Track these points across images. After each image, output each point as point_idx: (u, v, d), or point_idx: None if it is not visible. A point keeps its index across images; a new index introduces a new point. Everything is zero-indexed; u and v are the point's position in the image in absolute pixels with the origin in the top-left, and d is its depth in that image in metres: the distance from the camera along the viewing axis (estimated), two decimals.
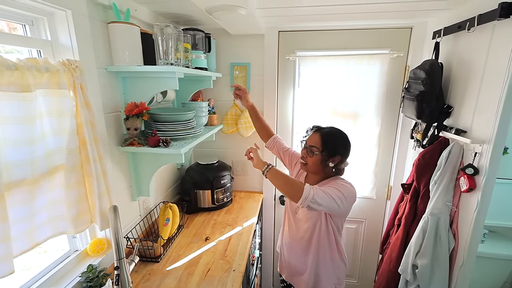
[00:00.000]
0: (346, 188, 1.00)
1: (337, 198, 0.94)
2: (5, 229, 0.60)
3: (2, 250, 0.60)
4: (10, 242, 0.62)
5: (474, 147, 0.97)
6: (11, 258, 0.62)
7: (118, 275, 0.74)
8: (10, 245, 0.62)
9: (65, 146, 0.76)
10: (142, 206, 1.24)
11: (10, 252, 0.62)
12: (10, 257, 0.62)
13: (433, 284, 1.10)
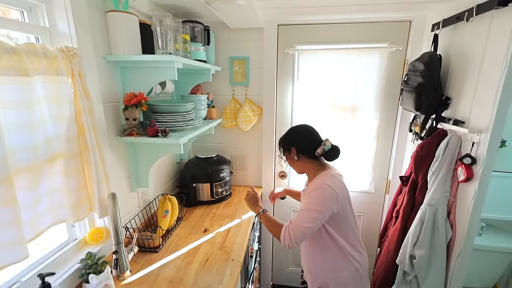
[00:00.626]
0: (317, 200, 0.98)
1: (310, 222, 0.95)
2: (16, 213, 0.61)
3: (15, 234, 0.61)
4: (21, 226, 0.62)
5: (471, 136, 0.97)
6: (24, 243, 0.63)
7: (116, 259, 0.74)
8: (22, 229, 0.62)
9: (64, 133, 0.76)
10: (141, 198, 1.24)
11: (22, 236, 0.62)
12: (23, 241, 0.62)
13: (430, 274, 1.11)
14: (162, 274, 0.96)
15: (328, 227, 1.03)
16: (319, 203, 0.97)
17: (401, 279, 1.23)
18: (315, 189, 1.00)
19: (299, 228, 0.95)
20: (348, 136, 1.65)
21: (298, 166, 1.13)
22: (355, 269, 1.05)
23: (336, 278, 1.05)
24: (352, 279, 1.04)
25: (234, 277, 0.94)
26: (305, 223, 0.96)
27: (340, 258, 1.05)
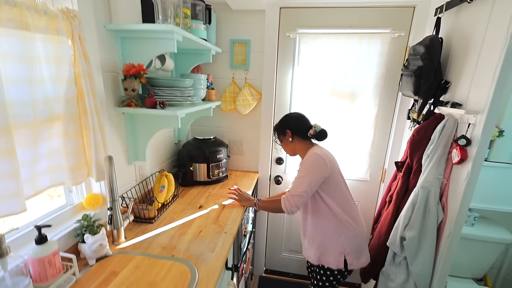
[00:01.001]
0: (307, 167, 1.12)
1: (304, 186, 1.09)
2: (14, 165, 0.62)
3: (13, 186, 0.62)
4: (19, 178, 0.64)
5: (468, 118, 0.97)
6: (22, 196, 0.64)
7: (111, 215, 0.77)
8: (20, 182, 0.64)
9: (63, 95, 0.78)
10: (138, 172, 1.26)
11: (21, 190, 0.64)
12: (21, 194, 0.64)
13: (419, 255, 1.13)
14: (156, 241, 0.98)
15: (323, 195, 1.13)
16: (309, 169, 1.11)
17: (390, 260, 1.25)
18: (305, 160, 1.14)
19: (295, 195, 1.10)
20: (346, 123, 1.66)
21: (291, 147, 1.25)
22: (352, 235, 1.15)
23: (335, 243, 1.15)
24: (350, 244, 1.15)
25: (226, 247, 0.97)
26: (300, 188, 1.09)
27: (336, 224, 1.14)
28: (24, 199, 0.65)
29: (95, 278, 0.77)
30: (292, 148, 1.25)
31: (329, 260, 1.16)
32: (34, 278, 0.68)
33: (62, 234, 0.82)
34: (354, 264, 1.17)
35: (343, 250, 1.14)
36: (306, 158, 1.15)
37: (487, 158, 1.42)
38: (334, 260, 1.15)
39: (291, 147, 1.25)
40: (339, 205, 1.15)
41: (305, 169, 1.12)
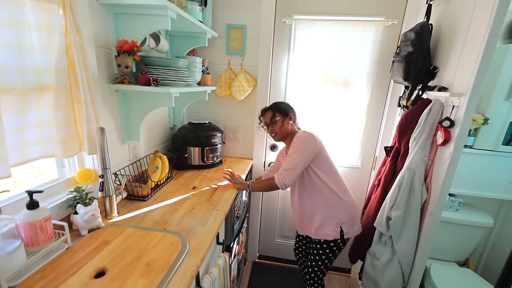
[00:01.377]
0: (299, 143, 1.18)
1: (297, 160, 1.16)
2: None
3: None
4: (4, 144, 0.64)
5: (452, 100, 1.01)
6: (7, 161, 0.65)
7: (102, 182, 0.78)
8: (5, 147, 0.64)
9: (53, 65, 0.78)
10: (132, 152, 1.27)
11: (5, 154, 0.64)
12: (6, 159, 0.64)
13: (404, 234, 1.17)
14: (149, 216, 1.00)
15: (316, 170, 1.20)
16: (300, 144, 1.18)
17: (377, 240, 1.29)
18: (295, 138, 1.22)
19: (288, 169, 1.17)
20: (339, 110, 1.69)
21: (288, 130, 1.30)
22: (346, 205, 1.23)
23: (332, 214, 1.22)
24: (345, 213, 1.23)
25: (217, 222, 0.99)
26: (292, 162, 1.16)
27: (331, 196, 1.22)
28: (8, 165, 0.65)
29: (87, 246, 0.78)
30: (289, 130, 1.30)
31: (326, 232, 1.22)
32: (26, 242, 0.69)
33: (54, 204, 0.83)
34: (349, 232, 1.24)
35: (339, 220, 1.21)
36: (297, 137, 1.21)
37: (472, 146, 1.46)
38: (331, 231, 1.21)
39: (289, 129, 1.30)
40: (331, 178, 1.22)
41: (297, 145, 1.18)
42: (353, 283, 1.92)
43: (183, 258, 0.77)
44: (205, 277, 0.84)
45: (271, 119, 1.29)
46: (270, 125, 1.30)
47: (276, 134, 1.30)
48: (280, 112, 1.29)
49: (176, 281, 0.68)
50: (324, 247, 1.25)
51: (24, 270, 0.65)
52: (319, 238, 1.25)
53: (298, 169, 1.16)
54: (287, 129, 1.29)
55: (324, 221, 1.23)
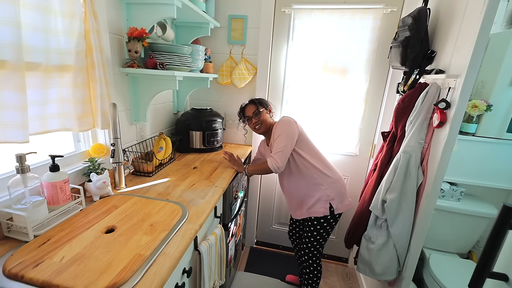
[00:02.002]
0: (281, 126, 1.27)
1: (283, 142, 1.24)
2: (23, 100, 0.72)
3: (19, 117, 0.72)
4: (26, 112, 0.73)
5: (448, 82, 1.01)
6: (26, 128, 0.74)
7: (113, 150, 0.88)
8: (26, 115, 0.74)
9: (73, 48, 0.87)
10: (139, 133, 1.37)
11: (26, 122, 0.74)
12: (26, 126, 0.74)
13: (399, 217, 1.18)
14: (153, 189, 1.10)
15: (300, 151, 1.28)
16: (283, 127, 1.26)
17: (372, 224, 1.30)
18: (276, 124, 1.30)
19: (277, 152, 1.24)
20: (338, 98, 1.72)
21: (269, 122, 1.39)
22: (332, 181, 1.30)
23: (320, 192, 1.29)
24: (332, 189, 1.30)
25: (215, 196, 1.08)
26: (279, 145, 1.23)
27: (317, 175, 1.29)
28: (27, 131, 0.73)
29: (98, 209, 0.89)
30: (271, 122, 1.40)
31: (316, 209, 1.29)
32: (48, 200, 0.80)
33: (72, 172, 0.94)
34: (339, 208, 1.30)
35: (327, 197, 1.28)
36: (277, 123, 1.30)
37: (475, 133, 1.41)
38: (320, 207, 1.29)
39: (270, 121, 1.40)
40: (314, 157, 1.31)
41: (280, 129, 1.27)
42: (350, 272, 1.94)
43: (183, 222, 0.86)
44: (203, 243, 0.94)
45: (254, 112, 1.36)
46: (254, 117, 1.36)
47: (261, 125, 1.37)
48: (262, 104, 1.38)
49: (176, 240, 0.78)
50: (315, 224, 1.32)
51: (46, 223, 0.76)
52: (310, 216, 1.32)
53: (287, 150, 1.24)
54: (269, 121, 1.38)
55: (313, 199, 1.30)
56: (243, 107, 1.41)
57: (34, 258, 0.64)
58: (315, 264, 1.41)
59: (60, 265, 0.63)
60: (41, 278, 0.59)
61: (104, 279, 0.59)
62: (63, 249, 0.68)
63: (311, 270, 1.42)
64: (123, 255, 0.68)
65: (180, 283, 0.78)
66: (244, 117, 1.41)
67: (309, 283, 1.45)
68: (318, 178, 1.29)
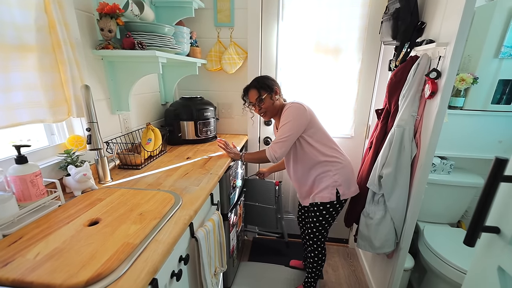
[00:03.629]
0: (289, 114, 1.17)
1: (287, 132, 1.15)
2: None
3: None
4: None
5: (438, 50, 1.01)
6: None
7: (89, 135, 0.78)
8: None
9: (33, 23, 0.77)
10: (123, 124, 1.27)
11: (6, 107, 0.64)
12: None
13: (395, 191, 1.18)
14: (142, 181, 1.01)
15: (308, 139, 1.21)
16: (290, 115, 1.16)
17: (370, 200, 1.31)
18: (285, 110, 1.19)
19: (278, 142, 1.17)
20: (331, 79, 1.68)
21: (277, 106, 1.26)
22: (341, 167, 1.24)
23: (327, 178, 1.23)
24: (340, 175, 1.24)
25: (210, 183, 1.00)
26: (283, 135, 1.15)
27: (325, 161, 1.23)
28: None
29: (80, 203, 0.79)
30: (278, 106, 1.26)
31: (322, 195, 1.24)
32: (18, 197, 0.70)
33: (46, 166, 0.84)
34: (345, 193, 1.25)
35: (335, 182, 1.23)
36: (286, 109, 1.19)
37: (463, 107, 1.46)
38: (327, 193, 1.23)
39: (277, 105, 1.25)
40: (324, 143, 1.23)
41: (287, 117, 1.17)
42: (350, 252, 1.97)
43: (176, 210, 0.78)
44: (200, 229, 0.86)
45: (256, 99, 1.23)
46: (257, 105, 1.25)
47: (266, 112, 1.26)
48: (264, 89, 1.22)
49: (169, 227, 0.69)
50: (321, 209, 1.27)
51: (17, 221, 0.66)
52: (316, 201, 1.27)
53: (290, 140, 1.16)
54: (276, 105, 1.25)
55: (320, 185, 1.25)
56: (245, 89, 1.29)
57: (3, 257, 0.55)
58: (320, 248, 1.38)
59: (34, 262, 0.54)
60: (11, 276, 0.50)
61: (86, 271, 0.51)
62: (37, 246, 0.59)
63: (315, 254, 1.39)
64: (108, 245, 0.59)
65: (176, 270, 0.69)
66: (248, 101, 1.30)
67: (313, 266, 1.42)
68: (326, 164, 1.23)
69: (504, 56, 1.34)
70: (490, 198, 0.57)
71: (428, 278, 1.48)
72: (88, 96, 0.78)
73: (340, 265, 1.82)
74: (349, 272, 1.76)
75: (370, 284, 1.62)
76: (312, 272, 1.44)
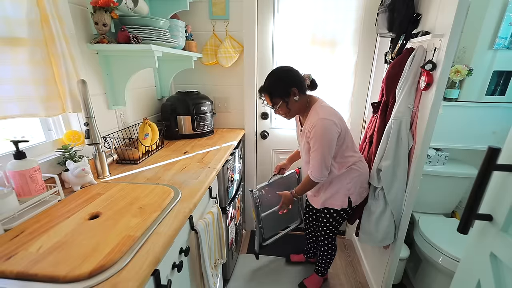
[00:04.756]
0: (317, 136, 1.07)
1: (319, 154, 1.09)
2: None
3: None
4: None
5: (434, 42, 1.01)
6: None
7: (87, 130, 0.78)
8: None
9: (24, 17, 0.75)
10: (120, 120, 1.26)
11: None
12: None
13: (394, 184, 1.19)
14: (141, 175, 1.02)
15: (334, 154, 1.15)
16: (318, 139, 1.08)
17: (371, 194, 1.31)
18: (313, 127, 1.08)
19: (315, 167, 1.12)
20: (327, 73, 1.68)
21: (296, 108, 1.13)
22: (357, 175, 1.22)
23: (342, 187, 1.22)
24: (355, 184, 1.22)
25: (209, 177, 1.01)
26: (317, 159, 1.10)
27: (344, 172, 1.20)
28: None
29: (80, 198, 0.80)
30: (297, 108, 1.13)
31: (333, 202, 1.24)
32: (18, 192, 0.70)
33: (44, 161, 0.84)
34: (357, 201, 1.26)
35: (347, 191, 1.22)
36: (314, 127, 1.07)
37: (458, 99, 1.47)
38: (339, 201, 1.23)
39: (295, 107, 1.11)
40: (347, 153, 1.18)
41: (316, 139, 1.07)
42: (347, 243, 2.01)
43: (175, 203, 0.79)
44: (199, 222, 0.87)
45: (271, 102, 1.13)
46: (274, 108, 1.14)
47: (287, 114, 1.15)
48: (277, 95, 1.08)
49: (169, 220, 0.71)
50: (333, 214, 1.29)
51: (18, 215, 0.67)
52: (326, 207, 1.28)
53: (327, 160, 1.10)
54: (295, 107, 1.12)
55: (331, 191, 1.24)
56: (260, 90, 1.16)
57: (6, 251, 0.56)
58: (332, 242, 1.42)
59: (38, 255, 0.55)
60: (16, 269, 0.51)
61: (89, 263, 0.52)
62: (40, 239, 0.60)
63: (329, 247, 1.43)
64: (110, 238, 0.60)
65: (177, 262, 0.71)
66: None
67: (326, 256, 1.46)
68: (344, 175, 1.21)
69: (498, 47, 1.34)
70: (483, 187, 0.58)
71: (423, 267, 1.52)
72: (85, 91, 0.78)
73: (337, 256, 1.85)
74: (346, 263, 1.80)
75: (367, 273, 1.66)
76: (324, 262, 1.48)
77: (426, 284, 1.48)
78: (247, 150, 1.92)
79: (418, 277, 1.56)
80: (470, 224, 0.61)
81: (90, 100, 0.80)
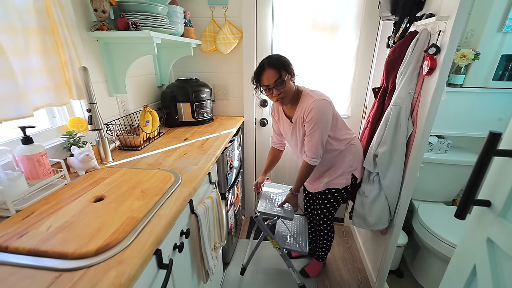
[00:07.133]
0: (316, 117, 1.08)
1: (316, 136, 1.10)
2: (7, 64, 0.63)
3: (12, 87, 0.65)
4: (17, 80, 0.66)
5: (438, 25, 0.97)
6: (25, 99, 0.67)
7: (90, 116, 0.81)
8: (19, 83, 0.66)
9: (31, 6, 0.76)
10: (121, 107, 1.29)
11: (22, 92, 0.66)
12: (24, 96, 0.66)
13: (390, 169, 1.20)
14: (143, 161, 1.05)
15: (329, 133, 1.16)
16: (317, 119, 1.09)
17: (366, 179, 1.33)
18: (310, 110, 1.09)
19: (312, 147, 1.13)
20: (328, 58, 1.65)
21: (292, 91, 1.12)
22: (355, 150, 1.25)
23: (344, 164, 1.25)
24: (356, 159, 1.26)
25: (208, 162, 1.04)
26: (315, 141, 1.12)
27: (342, 149, 1.23)
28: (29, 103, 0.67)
29: (85, 182, 0.84)
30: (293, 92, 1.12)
31: (338, 181, 1.26)
32: (27, 175, 0.74)
33: (49, 147, 0.87)
34: (359, 176, 1.29)
35: (351, 168, 1.25)
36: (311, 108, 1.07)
37: (463, 84, 1.41)
38: (343, 179, 1.26)
39: (293, 91, 1.12)
40: (342, 133, 1.22)
41: (315, 119, 1.08)
42: (346, 230, 2.05)
43: (176, 187, 0.83)
44: (199, 206, 0.92)
45: (275, 81, 1.04)
46: (276, 88, 1.06)
47: (285, 97, 1.09)
48: (285, 69, 1.05)
49: (170, 203, 0.75)
50: (334, 194, 1.31)
51: (28, 197, 0.71)
52: (330, 188, 1.29)
53: (324, 139, 1.13)
54: (292, 90, 1.10)
55: (336, 173, 1.26)
56: (259, 71, 1.07)
57: (18, 230, 0.60)
58: (329, 227, 1.45)
59: (47, 234, 0.59)
60: (27, 246, 0.55)
61: (95, 241, 0.56)
62: (49, 220, 0.64)
63: (327, 230, 1.46)
64: (114, 219, 0.64)
65: (178, 243, 0.76)
66: (260, 85, 1.09)
67: (325, 240, 1.50)
68: (343, 152, 1.23)
69: (508, 30, 1.27)
70: (482, 172, 0.57)
71: (421, 254, 1.51)
72: (86, 78, 0.80)
73: (335, 243, 1.88)
74: (344, 249, 1.83)
75: (364, 260, 1.69)
76: (323, 246, 1.52)
77: (424, 270, 1.49)
78: (246, 137, 1.95)
79: (416, 264, 1.57)
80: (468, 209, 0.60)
81: (92, 87, 0.82)
